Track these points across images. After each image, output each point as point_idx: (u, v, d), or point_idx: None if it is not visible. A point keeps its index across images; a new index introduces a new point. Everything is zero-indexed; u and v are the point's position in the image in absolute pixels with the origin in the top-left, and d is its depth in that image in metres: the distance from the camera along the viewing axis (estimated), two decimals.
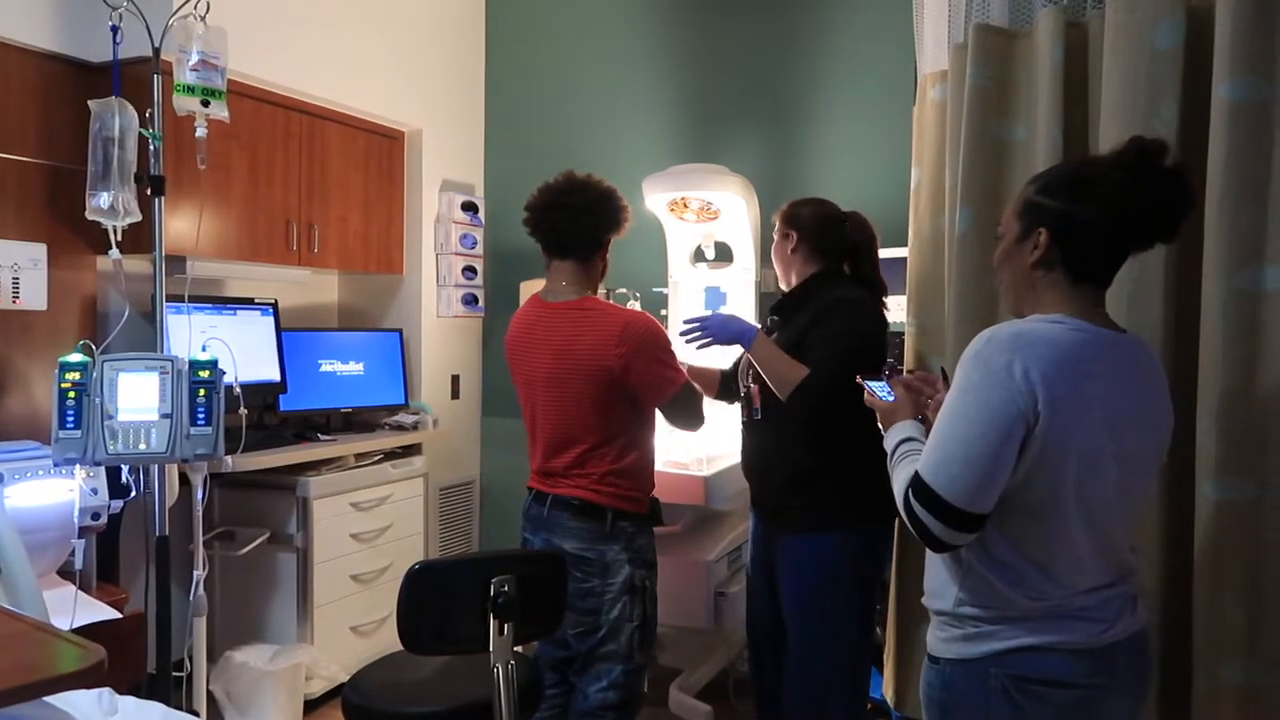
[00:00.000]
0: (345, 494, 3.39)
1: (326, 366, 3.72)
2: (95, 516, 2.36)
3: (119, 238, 2.08)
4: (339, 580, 3.36)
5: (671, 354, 2.20)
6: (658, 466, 2.78)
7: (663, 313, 3.58)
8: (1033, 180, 1.51)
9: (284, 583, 3.28)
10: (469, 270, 4.14)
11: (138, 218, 2.09)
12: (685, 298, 3.60)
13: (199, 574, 2.23)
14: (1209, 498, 1.85)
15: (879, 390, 1.71)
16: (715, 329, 2.31)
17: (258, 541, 3.18)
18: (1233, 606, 1.83)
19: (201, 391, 1.96)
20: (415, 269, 4.02)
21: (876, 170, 3.56)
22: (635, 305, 3.36)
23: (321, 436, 3.48)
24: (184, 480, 2.53)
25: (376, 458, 3.58)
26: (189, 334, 2.33)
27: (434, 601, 1.78)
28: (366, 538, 3.47)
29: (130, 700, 1.48)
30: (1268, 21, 1.83)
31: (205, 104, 2.03)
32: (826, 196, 2.49)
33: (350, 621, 3.41)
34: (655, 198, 3.39)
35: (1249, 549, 1.83)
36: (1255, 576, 1.82)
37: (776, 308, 2.42)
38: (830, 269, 2.35)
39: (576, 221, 2.20)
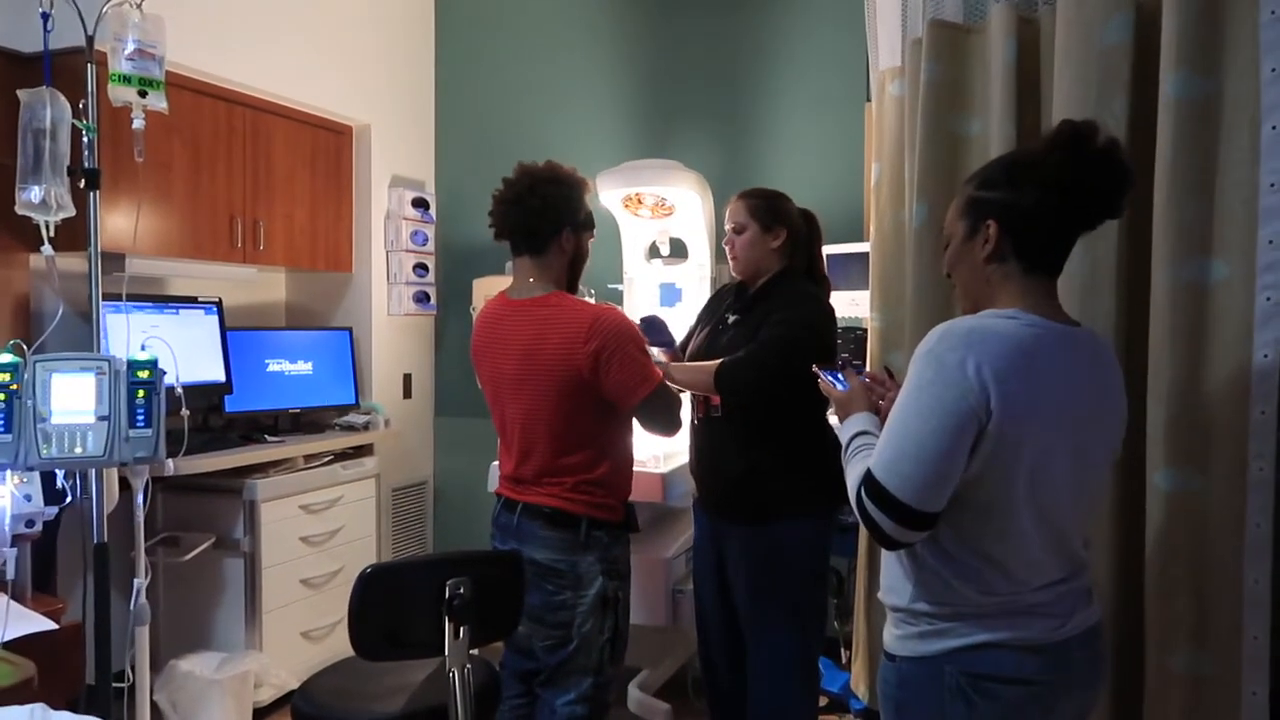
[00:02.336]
0: (294, 496, 3.32)
1: (274, 366, 3.63)
2: (29, 524, 2.27)
3: (52, 233, 1.99)
4: (288, 585, 3.28)
5: (645, 351, 2.07)
6: None
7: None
8: (970, 179, 1.51)
9: (231, 588, 3.20)
10: (420, 268, 4.08)
11: (71, 212, 2.00)
12: (640, 294, 3.57)
13: (139, 582, 2.15)
14: (1158, 488, 1.87)
15: (833, 380, 1.70)
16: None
17: (203, 547, 3.09)
18: (1182, 596, 1.86)
19: (141, 392, 1.88)
20: (365, 266, 3.94)
21: (830, 165, 3.57)
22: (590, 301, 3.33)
23: (269, 438, 3.40)
24: (124, 485, 2.45)
25: (326, 459, 3.51)
26: (127, 334, 2.24)
27: (387, 605, 1.73)
28: (316, 541, 3.40)
29: (66, 715, 1.42)
30: (1210, 18, 1.86)
31: (142, 94, 1.95)
32: (781, 191, 2.48)
33: (301, 627, 3.33)
34: (609, 194, 3.36)
35: (1197, 539, 1.85)
36: (1203, 567, 1.85)
37: (739, 305, 2.39)
38: (797, 266, 2.35)
39: (509, 215, 2.09)
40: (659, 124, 3.89)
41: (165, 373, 1.96)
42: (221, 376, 3.39)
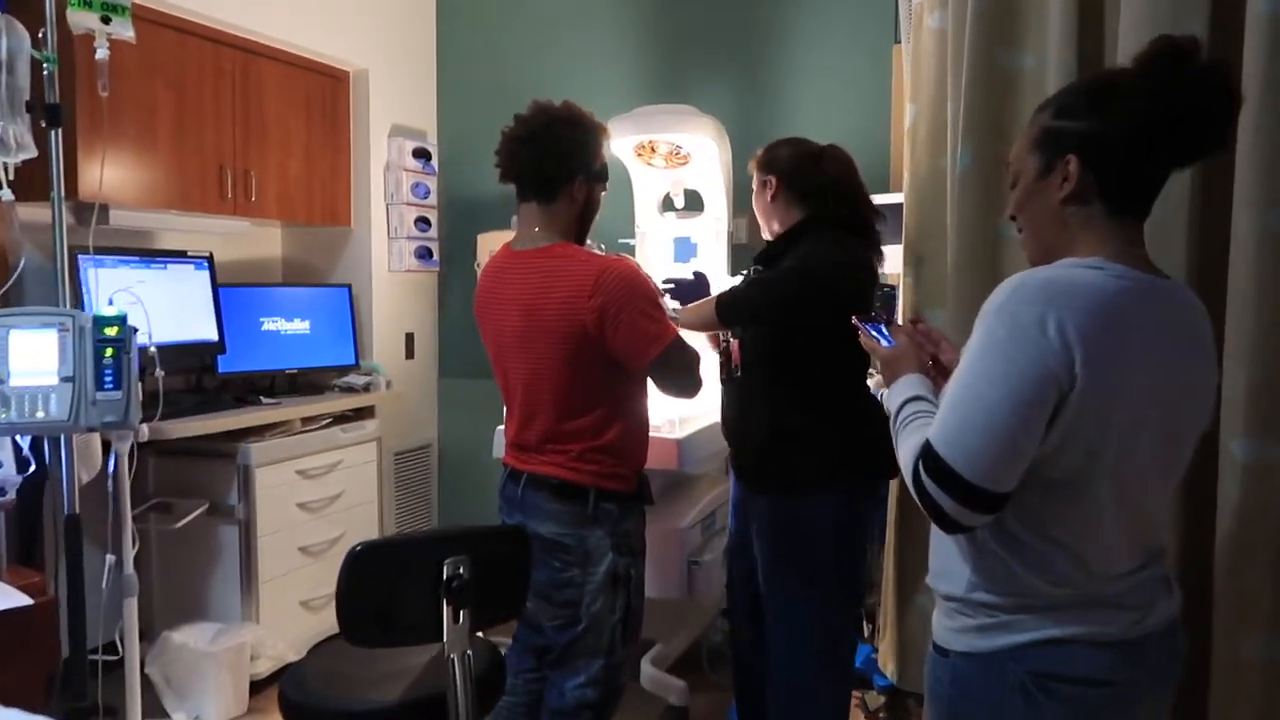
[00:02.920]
0: (290, 461, 3.16)
1: (269, 325, 3.46)
2: (1, 492, 2.12)
3: (11, 176, 1.81)
4: (286, 553, 3.14)
5: (657, 306, 1.88)
6: None
7: None
8: (1044, 106, 1.30)
9: (226, 557, 3.06)
10: (422, 222, 3.88)
11: (32, 153, 1.82)
12: (653, 250, 3.38)
13: (110, 559, 2.00)
14: (1234, 458, 1.69)
15: (876, 334, 1.50)
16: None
17: (195, 513, 2.95)
18: (1258, 577, 1.68)
19: (109, 351, 1.70)
20: (364, 220, 3.75)
21: (855, 112, 3.36)
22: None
23: (264, 400, 3.24)
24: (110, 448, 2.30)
25: (324, 422, 3.34)
26: (96, 288, 2.07)
27: (379, 587, 1.57)
28: (315, 507, 3.25)
29: (15, 714, 1.27)
30: None
31: (105, 20, 1.75)
32: (795, 137, 2.28)
33: (300, 596, 3.19)
34: (620, 141, 3.15)
35: (1277, 513, 1.67)
36: None
37: (760, 259, 2.22)
38: (814, 214, 2.14)
39: (519, 155, 1.90)
40: (674, 68, 3.67)
41: (137, 330, 1.78)
42: (214, 335, 3.23)
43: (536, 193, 1.92)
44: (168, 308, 3.08)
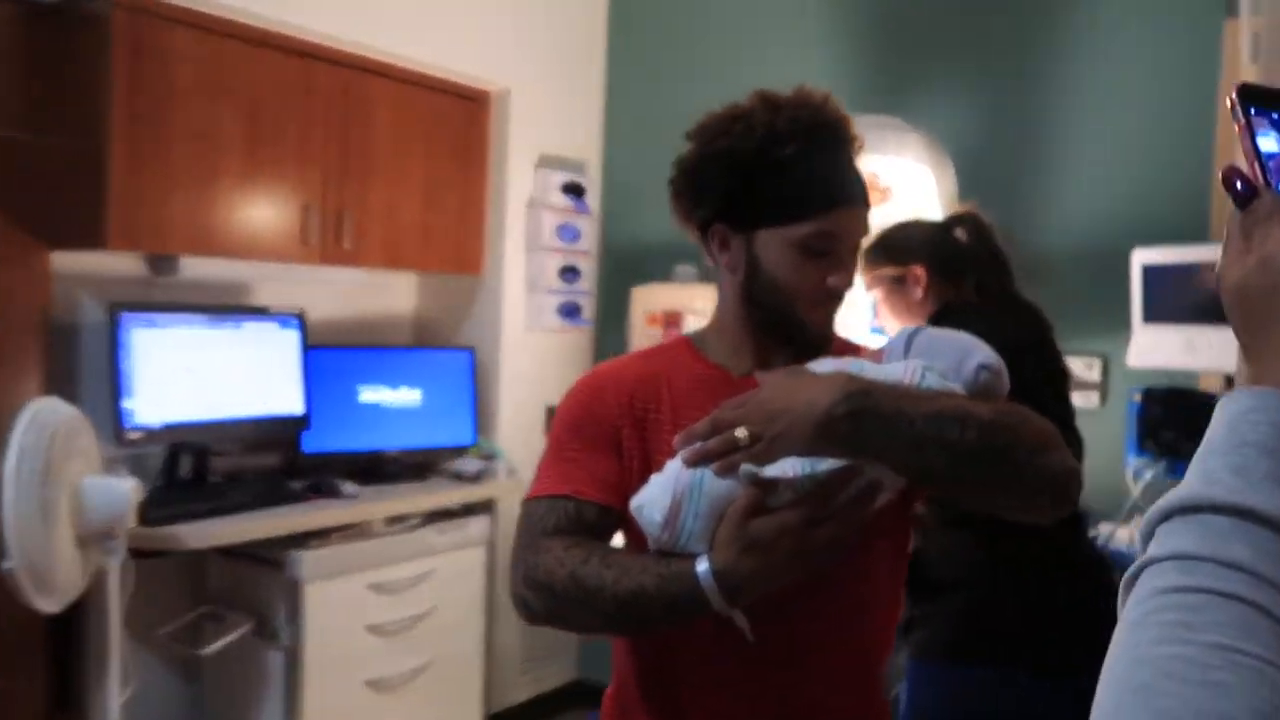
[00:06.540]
0: (360, 572, 2.52)
1: (368, 395, 2.86)
2: None
3: None
4: (346, 688, 2.50)
5: (551, 447, 1.13)
6: None
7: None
8: None
9: (273, 690, 2.45)
10: (569, 272, 3.16)
11: None
12: (848, 318, 2.42)
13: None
14: None
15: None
16: None
17: (231, 637, 2.38)
18: None
19: None
20: (496, 268, 3.09)
21: (1158, 127, 2.26)
22: None
23: (345, 490, 2.60)
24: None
25: (414, 522, 2.68)
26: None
27: None
28: (393, 629, 2.59)
29: None
30: None
31: None
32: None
33: None
34: None
35: None
36: None
37: None
38: (952, 302, 1.70)
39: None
40: (888, 77, 2.71)
41: None
42: (298, 408, 2.67)
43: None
44: (241, 375, 2.56)
